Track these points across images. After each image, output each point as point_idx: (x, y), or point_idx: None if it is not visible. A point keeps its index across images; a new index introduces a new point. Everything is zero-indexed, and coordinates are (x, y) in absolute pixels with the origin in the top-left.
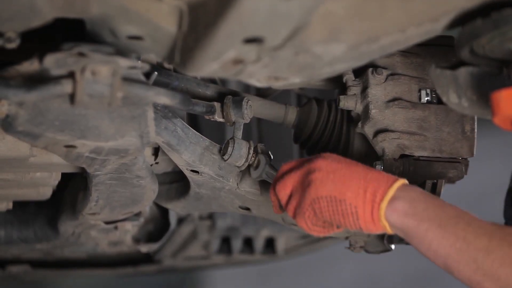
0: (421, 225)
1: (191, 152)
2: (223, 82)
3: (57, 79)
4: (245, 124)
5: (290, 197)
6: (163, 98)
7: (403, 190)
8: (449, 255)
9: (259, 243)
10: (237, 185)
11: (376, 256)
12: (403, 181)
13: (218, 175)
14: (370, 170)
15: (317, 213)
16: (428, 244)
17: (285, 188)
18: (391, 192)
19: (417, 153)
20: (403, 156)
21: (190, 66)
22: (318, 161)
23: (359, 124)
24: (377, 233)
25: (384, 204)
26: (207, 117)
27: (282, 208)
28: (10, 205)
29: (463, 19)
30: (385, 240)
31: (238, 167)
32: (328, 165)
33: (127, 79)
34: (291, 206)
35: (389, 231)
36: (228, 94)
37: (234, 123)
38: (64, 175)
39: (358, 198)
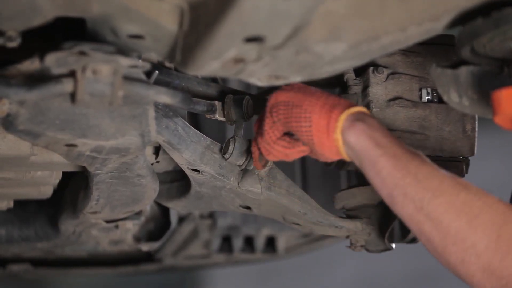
0: (376, 150)
1: (192, 151)
2: (224, 81)
3: (58, 78)
4: (246, 123)
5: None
6: (164, 97)
7: (364, 115)
8: (397, 187)
9: (259, 242)
10: (238, 184)
11: (376, 255)
12: (365, 109)
13: (219, 174)
14: (333, 94)
15: (274, 119)
16: (378, 170)
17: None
18: (352, 110)
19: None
20: None
21: (191, 65)
22: (282, 86)
23: None
24: (326, 154)
25: (342, 117)
26: (207, 116)
27: (261, 159)
28: (11, 204)
29: (463, 18)
30: (386, 239)
31: (239, 166)
32: (296, 84)
33: (128, 78)
34: (255, 128)
35: (340, 147)
36: (229, 93)
37: (235, 122)
38: (65, 174)
39: (315, 106)
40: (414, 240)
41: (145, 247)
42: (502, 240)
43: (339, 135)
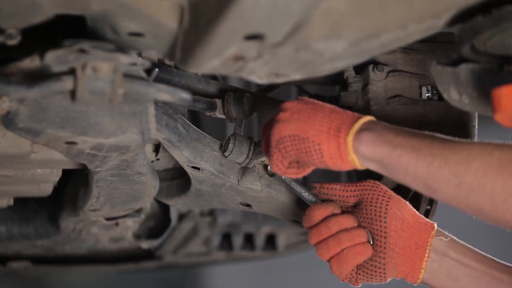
0: (394, 152)
1: (192, 149)
2: (224, 78)
3: (58, 75)
4: (246, 121)
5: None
6: (164, 94)
7: (370, 123)
8: (429, 175)
9: (260, 240)
10: (238, 181)
11: None
12: (369, 117)
13: (219, 171)
14: (336, 109)
15: (283, 154)
16: (405, 169)
17: (262, 133)
18: (357, 126)
19: None
20: None
21: (191, 62)
22: (286, 103)
23: None
24: (344, 169)
25: (350, 138)
26: (208, 114)
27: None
28: (11, 202)
29: (464, 16)
30: None
31: (239, 163)
32: (294, 106)
33: (128, 76)
34: (263, 149)
35: (359, 166)
36: (229, 90)
37: (235, 119)
38: (65, 172)
39: (321, 135)
40: None
41: (145, 244)
42: None
43: (353, 156)
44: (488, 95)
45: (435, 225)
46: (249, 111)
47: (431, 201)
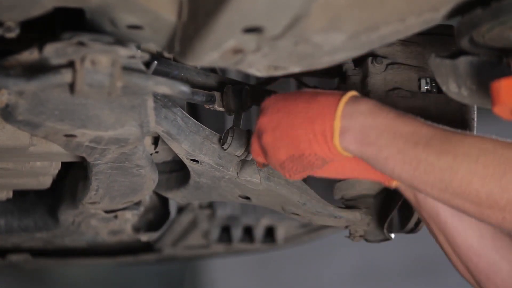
0: (380, 154)
1: (191, 142)
2: (223, 71)
3: (56, 68)
4: (245, 114)
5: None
6: (163, 87)
7: (350, 116)
8: (414, 178)
9: (259, 232)
10: (237, 174)
11: (375, 245)
12: (344, 100)
13: (218, 164)
14: (310, 103)
15: (290, 172)
16: (391, 171)
17: (255, 153)
18: (337, 125)
19: None
20: None
21: (189, 55)
22: (260, 120)
23: None
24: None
25: (336, 141)
26: (207, 107)
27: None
28: (10, 194)
29: (463, 9)
30: (385, 229)
31: (238, 156)
32: (269, 122)
33: (127, 69)
34: (269, 164)
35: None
36: (228, 83)
37: (234, 112)
38: (64, 164)
39: (312, 145)
40: (413, 230)
41: (144, 237)
42: None
43: (346, 153)
44: (487, 87)
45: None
46: (248, 104)
47: None
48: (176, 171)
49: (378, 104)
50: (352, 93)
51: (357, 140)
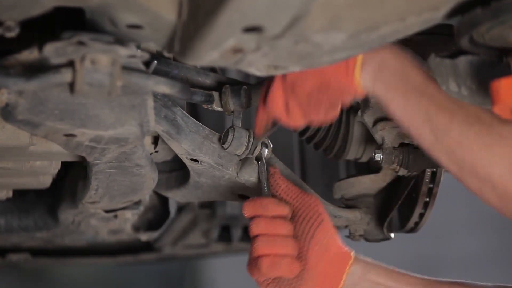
0: (387, 94)
1: (190, 141)
2: (223, 71)
3: (56, 68)
4: (244, 113)
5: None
6: (163, 87)
7: (374, 51)
8: (411, 126)
9: None
10: (237, 173)
11: (375, 244)
12: None
13: (218, 163)
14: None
15: (317, 106)
16: (393, 113)
17: (275, 101)
18: (360, 56)
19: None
20: (402, 144)
21: (189, 55)
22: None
23: (359, 113)
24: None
25: (357, 71)
26: (205, 106)
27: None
28: (10, 194)
29: (463, 8)
30: (385, 228)
31: (238, 155)
32: None
33: (127, 68)
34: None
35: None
36: (227, 83)
37: (232, 112)
38: (64, 164)
39: (337, 73)
40: (413, 230)
41: (144, 236)
42: None
43: (362, 88)
44: (487, 87)
45: (353, 254)
46: (246, 103)
47: (426, 205)
48: (176, 171)
49: (399, 48)
50: None
51: (372, 75)
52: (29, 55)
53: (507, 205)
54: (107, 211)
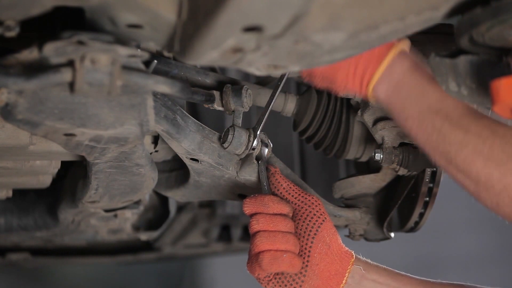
0: (403, 112)
1: (190, 140)
2: (223, 70)
3: (56, 67)
4: (245, 112)
5: None
6: (163, 86)
7: (392, 69)
8: (427, 143)
9: None
10: (237, 173)
11: (375, 244)
12: (392, 54)
13: (218, 163)
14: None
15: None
16: (409, 130)
17: None
18: (378, 75)
19: None
20: (402, 144)
21: (189, 54)
22: None
23: (359, 113)
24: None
25: (371, 87)
26: (206, 106)
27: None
28: (10, 193)
29: (462, 8)
30: (385, 228)
31: (238, 155)
32: None
33: (127, 68)
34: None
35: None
36: (227, 82)
37: (233, 111)
38: (63, 163)
39: (347, 79)
40: (412, 229)
41: (144, 236)
42: None
43: (373, 98)
44: (486, 86)
45: (354, 253)
46: (247, 103)
47: (426, 205)
48: (176, 170)
49: (419, 62)
50: (402, 46)
51: (389, 92)
52: (29, 54)
53: None
54: (107, 211)
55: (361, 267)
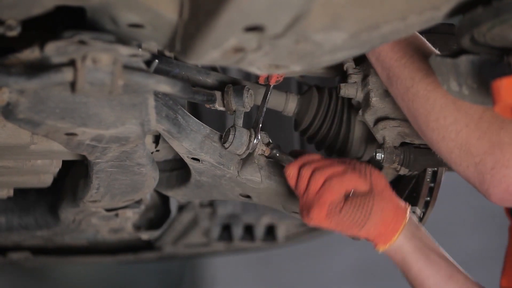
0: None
1: (191, 140)
2: (224, 70)
3: (58, 67)
4: (246, 112)
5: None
6: (164, 86)
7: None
8: (392, 67)
9: (259, 230)
10: (238, 173)
11: None
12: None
13: (219, 163)
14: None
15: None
16: (378, 54)
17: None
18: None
19: (418, 141)
20: (403, 144)
21: (190, 54)
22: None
23: (360, 112)
24: None
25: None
26: (207, 106)
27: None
28: (11, 192)
29: (464, 7)
30: None
31: (239, 155)
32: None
33: (128, 67)
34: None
35: None
36: (228, 82)
37: (234, 111)
38: (65, 163)
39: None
40: None
41: (145, 235)
42: (483, 121)
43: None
44: (488, 86)
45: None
46: (248, 104)
47: (427, 205)
48: (177, 170)
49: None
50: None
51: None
52: (31, 54)
53: (465, 156)
54: (108, 210)
55: (415, 220)
